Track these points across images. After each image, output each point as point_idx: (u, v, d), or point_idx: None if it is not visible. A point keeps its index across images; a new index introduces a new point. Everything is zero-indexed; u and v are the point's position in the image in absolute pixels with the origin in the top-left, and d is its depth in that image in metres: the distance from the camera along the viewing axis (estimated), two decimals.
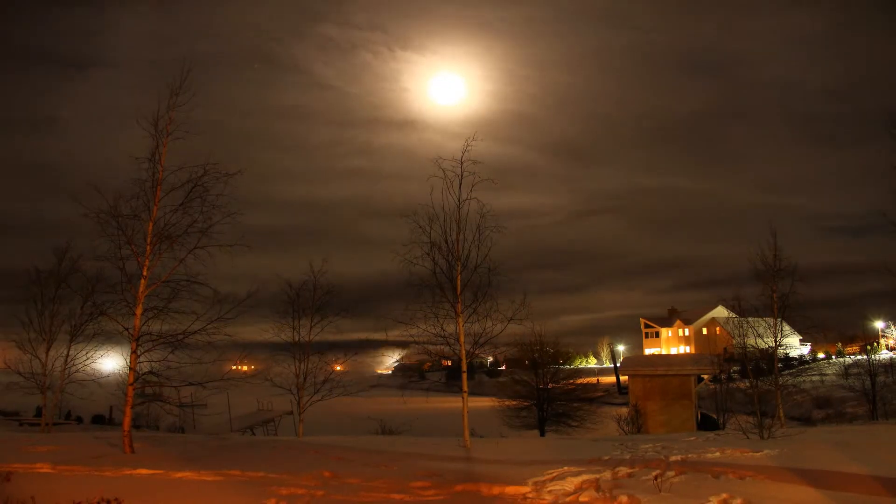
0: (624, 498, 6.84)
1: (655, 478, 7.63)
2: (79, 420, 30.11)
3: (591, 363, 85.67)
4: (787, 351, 34.50)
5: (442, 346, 13.50)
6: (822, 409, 36.25)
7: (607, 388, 52.32)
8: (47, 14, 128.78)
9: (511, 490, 7.58)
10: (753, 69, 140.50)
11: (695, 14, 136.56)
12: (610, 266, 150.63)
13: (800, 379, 20.82)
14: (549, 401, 27.49)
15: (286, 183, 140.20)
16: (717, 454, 10.15)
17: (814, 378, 32.92)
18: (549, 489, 7.52)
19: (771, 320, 18.42)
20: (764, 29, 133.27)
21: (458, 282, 12.95)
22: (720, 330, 68.87)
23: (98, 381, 19.44)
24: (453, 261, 13.04)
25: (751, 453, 10.01)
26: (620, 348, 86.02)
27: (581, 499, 7.04)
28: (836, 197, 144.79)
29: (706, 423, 24.27)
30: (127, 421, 10.92)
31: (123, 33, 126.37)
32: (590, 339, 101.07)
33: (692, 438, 14.40)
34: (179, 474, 8.52)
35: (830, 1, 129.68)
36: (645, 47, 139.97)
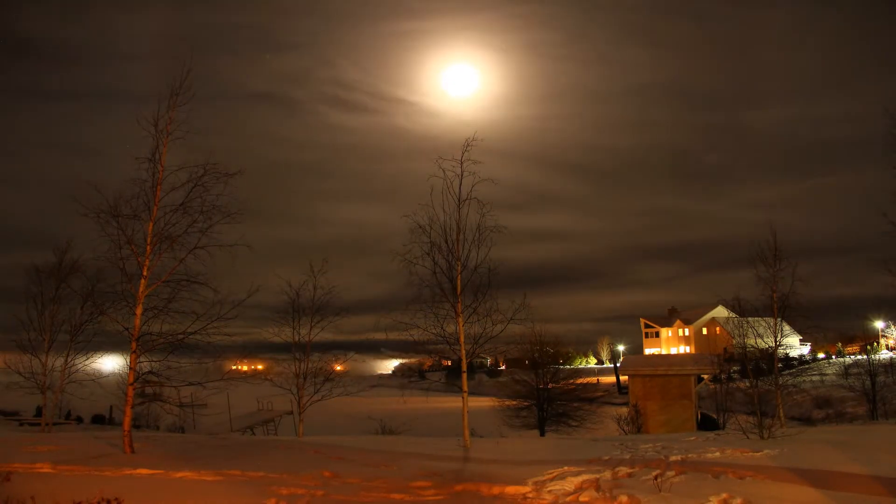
0: (624, 498, 6.84)
1: (655, 478, 7.64)
2: (79, 420, 30.14)
3: (591, 363, 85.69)
4: (787, 351, 34.47)
5: (442, 346, 13.50)
6: (822, 409, 36.25)
7: (607, 388, 52.31)
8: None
9: (511, 490, 7.58)
10: (754, 106, 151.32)
11: (707, 58, 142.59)
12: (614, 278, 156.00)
13: (800, 379, 20.76)
14: (549, 401, 27.48)
15: (329, 203, 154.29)
16: (717, 454, 10.15)
17: (814, 378, 32.88)
18: (549, 489, 7.52)
19: (771, 320, 18.41)
20: (766, 69, 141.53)
21: (459, 282, 12.95)
22: (720, 330, 68.87)
23: (98, 381, 19.45)
24: (453, 261, 13.05)
25: (751, 453, 10.02)
26: (620, 348, 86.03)
27: (581, 499, 7.04)
28: (831, 213, 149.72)
29: (706, 423, 24.26)
30: (127, 421, 10.91)
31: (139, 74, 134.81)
32: (590, 339, 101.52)
33: (692, 438, 14.40)
34: (179, 474, 8.51)
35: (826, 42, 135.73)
36: (660, 86, 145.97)
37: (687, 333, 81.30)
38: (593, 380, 45.95)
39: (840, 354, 57.86)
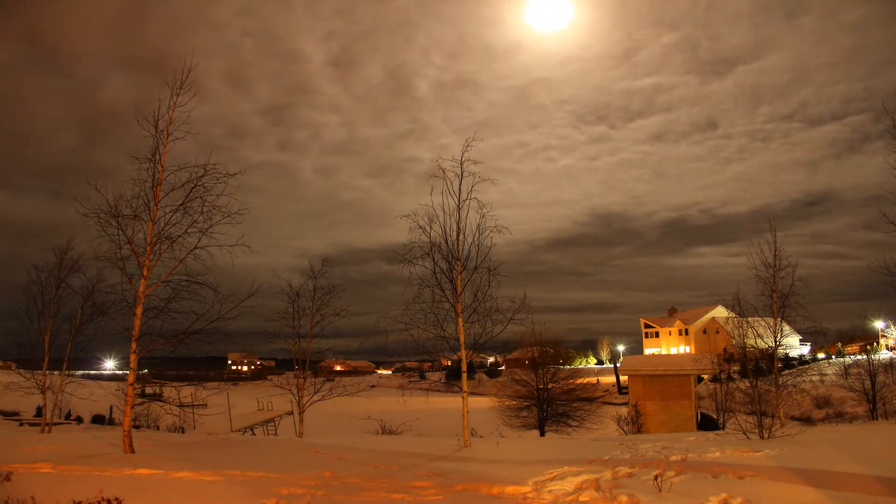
0: (624, 498, 6.84)
1: (655, 478, 7.63)
2: (79, 420, 30.13)
3: (591, 363, 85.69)
4: (787, 351, 34.46)
5: (441, 345, 13.49)
6: (822, 408, 36.28)
7: (607, 388, 52.35)
8: None
9: (511, 490, 7.58)
10: None
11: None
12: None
13: (800, 379, 20.76)
14: (549, 401, 27.49)
15: None
16: (717, 454, 10.16)
17: (814, 378, 32.91)
18: (549, 489, 7.52)
19: (771, 320, 18.40)
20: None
21: (459, 282, 12.95)
22: (720, 330, 68.87)
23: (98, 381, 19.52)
24: (453, 261, 13.05)
25: (751, 453, 10.02)
26: (620, 348, 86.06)
27: (581, 498, 7.03)
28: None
29: (706, 423, 24.25)
30: (127, 421, 10.91)
31: None
32: (590, 338, 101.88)
33: (692, 438, 14.40)
34: (179, 474, 8.51)
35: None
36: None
37: (687, 333, 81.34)
38: (593, 380, 45.94)
39: (840, 354, 57.85)
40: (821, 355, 59.48)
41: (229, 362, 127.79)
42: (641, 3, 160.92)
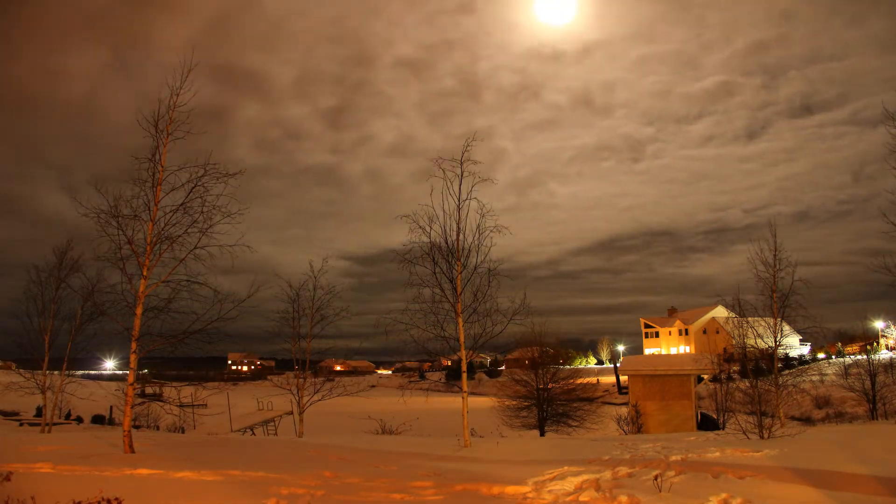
0: (624, 498, 6.84)
1: (655, 478, 7.63)
2: (79, 420, 30.14)
3: (591, 363, 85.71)
4: (787, 351, 34.46)
5: (442, 346, 13.48)
6: (822, 408, 36.29)
7: (607, 388, 52.37)
8: None
9: (511, 490, 7.58)
10: None
11: None
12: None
13: (800, 379, 20.78)
14: (548, 401, 27.49)
15: None
16: (717, 454, 10.16)
17: (814, 378, 32.91)
18: (549, 489, 7.52)
19: (771, 320, 18.41)
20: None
21: (459, 282, 12.96)
22: (720, 330, 68.91)
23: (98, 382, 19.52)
24: (453, 261, 13.05)
25: (751, 453, 10.02)
26: (620, 348, 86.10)
27: (581, 498, 7.03)
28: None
29: (706, 423, 24.25)
30: (127, 421, 10.91)
31: None
32: (589, 338, 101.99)
33: (692, 438, 14.41)
34: (179, 474, 8.51)
35: None
36: None
37: (687, 333, 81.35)
38: (593, 380, 45.93)
39: (840, 354, 57.85)
40: (821, 355, 59.49)
41: (229, 362, 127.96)
42: (718, 6, 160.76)
